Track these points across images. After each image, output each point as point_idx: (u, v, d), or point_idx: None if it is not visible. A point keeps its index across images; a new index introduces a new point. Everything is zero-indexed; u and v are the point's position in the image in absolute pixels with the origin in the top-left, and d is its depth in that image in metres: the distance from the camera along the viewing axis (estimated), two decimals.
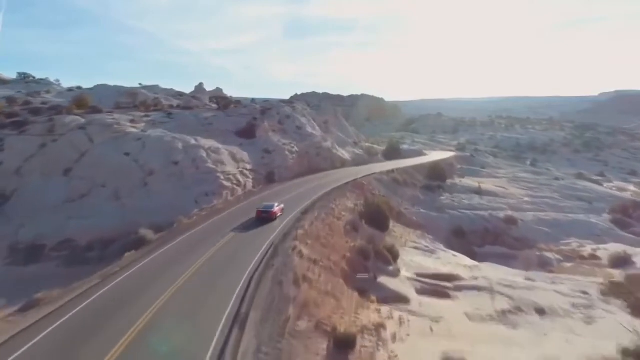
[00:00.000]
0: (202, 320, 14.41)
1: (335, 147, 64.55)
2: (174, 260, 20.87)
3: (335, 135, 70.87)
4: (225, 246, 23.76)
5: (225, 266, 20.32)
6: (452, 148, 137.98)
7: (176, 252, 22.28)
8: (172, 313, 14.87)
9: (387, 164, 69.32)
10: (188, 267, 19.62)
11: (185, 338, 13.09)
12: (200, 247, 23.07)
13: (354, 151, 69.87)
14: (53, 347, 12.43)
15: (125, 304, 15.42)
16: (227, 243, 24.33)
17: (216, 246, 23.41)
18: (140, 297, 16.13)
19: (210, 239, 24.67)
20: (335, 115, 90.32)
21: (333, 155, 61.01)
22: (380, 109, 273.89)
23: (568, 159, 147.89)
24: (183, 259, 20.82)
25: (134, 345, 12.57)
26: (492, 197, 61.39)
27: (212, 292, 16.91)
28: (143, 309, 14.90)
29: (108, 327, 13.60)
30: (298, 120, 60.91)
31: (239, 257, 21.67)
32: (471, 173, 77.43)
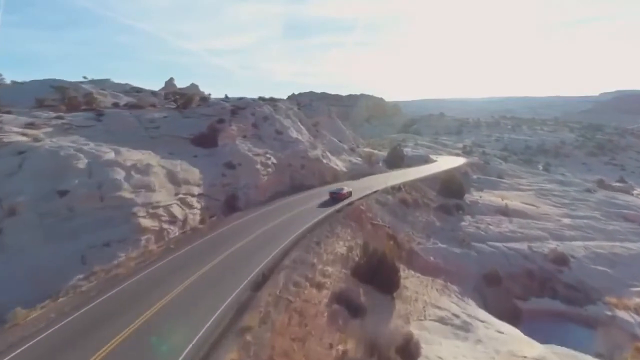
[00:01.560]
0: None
1: (327, 155, 50.50)
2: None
3: (327, 140, 56.84)
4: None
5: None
6: (458, 151, 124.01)
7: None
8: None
9: (390, 176, 55.36)
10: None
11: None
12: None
13: (351, 160, 55.85)
14: None
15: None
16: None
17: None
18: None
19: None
20: (329, 115, 76.23)
21: (323, 167, 46.98)
22: (380, 109, 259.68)
23: (583, 163, 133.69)
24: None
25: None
26: (525, 220, 47.34)
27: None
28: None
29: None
30: (279, 122, 46.87)
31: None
32: (489, 185, 63.35)
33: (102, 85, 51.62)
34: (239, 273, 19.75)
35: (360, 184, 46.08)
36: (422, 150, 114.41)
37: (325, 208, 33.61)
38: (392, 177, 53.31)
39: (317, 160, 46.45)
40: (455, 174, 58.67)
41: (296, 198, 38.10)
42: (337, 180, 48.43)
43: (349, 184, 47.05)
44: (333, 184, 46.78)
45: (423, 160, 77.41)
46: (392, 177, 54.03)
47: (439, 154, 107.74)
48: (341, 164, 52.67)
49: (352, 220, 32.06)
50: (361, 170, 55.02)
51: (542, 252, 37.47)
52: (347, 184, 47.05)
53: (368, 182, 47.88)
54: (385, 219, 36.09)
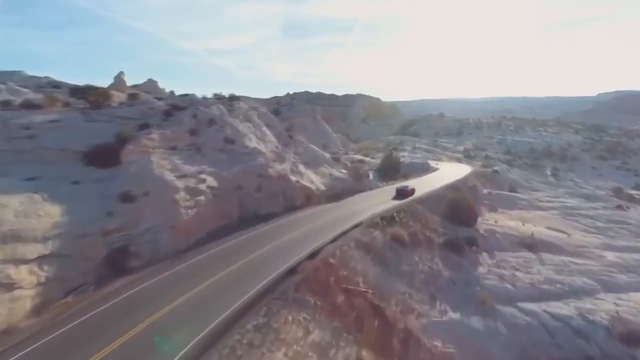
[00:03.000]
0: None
1: (299, 170, 37.56)
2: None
3: (303, 148, 43.80)
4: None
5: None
6: (459, 155, 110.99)
7: None
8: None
9: (381, 194, 42.47)
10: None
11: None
12: None
13: (332, 173, 42.86)
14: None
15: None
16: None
17: None
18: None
19: None
20: (313, 117, 63.20)
21: (291, 186, 34.05)
22: (377, 109, 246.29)
23: (592, 167, 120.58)
24: None
25: None
26: (558, 258, 34.45)
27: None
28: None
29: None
30: (232, 128, 33.85)
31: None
32: (504, 202, 50.38)
33: (7, 78, 38.67)
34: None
35: (337, 212, 33.12)
36: (421, 154, 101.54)
37: (276, 264, 20.77)
38: (384, 196, 40.38)
39: (283, 178, 33.48)
40: (462, 192, 45.73)
41: (241, 240, 25.21)
42: (311, 204, 35.57)
43: (327, 210, 34.24)
44: (308, 209, 34.11)
45: (422, 169, 64.41)
46: (383, 195, 41.09)
47: (440, 159, 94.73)
48: (318, 180, 39.69)
49: (312, 291, 19.16)
50: (345, 187, 42.07)
51: (600, 322, 24.55)
52: (325, 210, 34.27)
53: (350, 208, 34.94)
54: (368, 276, 23.18)
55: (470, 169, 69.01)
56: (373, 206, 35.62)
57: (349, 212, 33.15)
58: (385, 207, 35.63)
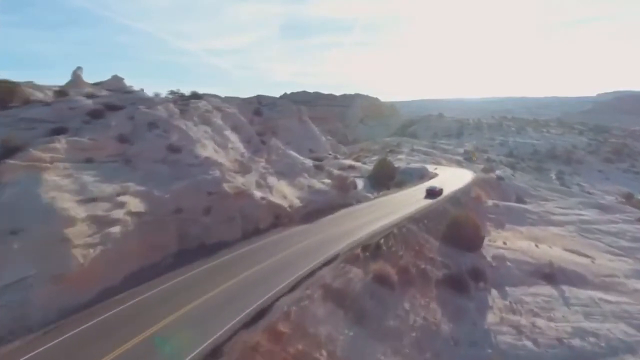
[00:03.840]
0: None
1: (267, 183, 30.43)
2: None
3: (279, 155, 36.65)
4: None
5: None
6: (459, 157, 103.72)
7: None
8: None
9: (369, 210, 35.35)
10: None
11: None
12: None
13: (312, 185, 35.71)
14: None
15: None
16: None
17: None
18: None
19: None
20: (299, 118, 55.99)
21: (253, 205, 26.93)
22: (375, 109, 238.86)
23: (599, 170, 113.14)
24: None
25: None
26: (584, 292, 27.29)
27: None
28: None
29: None
30: (179, 132, 26.71)
31: None
32: (512, 216, 43.16)
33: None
34: None
35: (310, 238, 25.90)
36: (419, 157, 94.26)
37: (188, 341, 13.69)
38: (371, 215, 33.24)
39: (243, 195, 26.38)
40: (465, 206, 38.61)
41: (166, 287, 18.11)
42: (279, 226, 28.45)
43: (298, 235, 27.18)
44: (274, 233, 27.13)
45: (419, 176, 57.19)
46: (371, 213, 33.95)
47: (439, 163, 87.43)
48: (294, 194, 32.56)
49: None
50: (327, 201, 34.96)
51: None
52: (295, 235, 27.23)
53: (327, 231, 27.79)
54: (337, 346, 16.08)
55: (472, 175, 61.73)
56: (357, 228, 28.50)
57: (325, 238, 26.04)
58: (372, 228, 28.50)
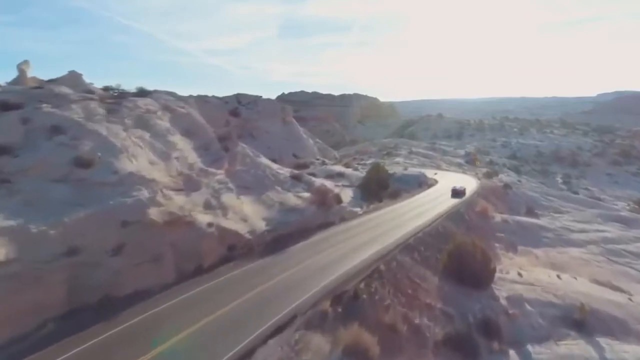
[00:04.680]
0: None
1: (222, 201, 23.54)
2: None
3: (246, 165, 29.70)
4: None
5: None
6: (460, 160, 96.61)
7: None
8: None
9: (353, 231, 28.30)
10: None
11: None
12: None
13: (286, 201, 28.77)
14: None
15: None
16: None
17: None
18: None
19: None
20: (283, 119, 49.08)
21: (195, 236, 20.02)
22: (374, 109, 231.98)
23: (607, 174, 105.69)
24: None
25: None
26: (631, 348, 20.36)
27: None
28: None
29: None
30: (96, 139, 19.77)
31: None
32: (524, 235, 36.10)
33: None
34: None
35: (267, 282, 18.70)
36: (417, 159, 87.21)
37: None
38: (355, 240, 26.24)
39: (179, 223, 19.47)
40: (471, 229, 31.59)
41: None
42: (232, 260, 21.47)
43: (251, 276, 20.24)
44: (219, 274, 20.27)
45: (417, 184, 50.20)
46: (355, 237, 26.95)
47: (439, 167, 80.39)
48: (257, 215, 25.63)
49: None
50: (303, 221, 28.00)
51: None
52: (248, 276, 20.31)
53: (292, 269, 20.67)
54: None
55: (475, 182, 54.67)
56: (333, 263, 21.56)
57: (285, 282, 19.09)
58: (352, 263, 21.58)
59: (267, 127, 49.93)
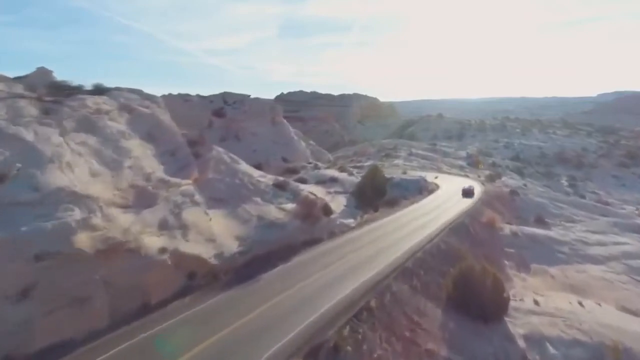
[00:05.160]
0: None
1: (183, 220, 19.43)
2: None
3: (220, 173, 25.62)
4: None
5: None
6: (461, 162, 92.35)
7: None
8: None
9: (342, 250, 24.10)
10: None
11: None
12: None
13: (265, 215, 24.72)
14: None
15: None
16: None
17: None
18: None
19: None
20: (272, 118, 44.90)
21: (140, 265, 15.97)
22: (374, 109, 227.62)
23: (613, 176, 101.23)
24: None
25: None
26: None
27: None
28: None
29: None
30: (15, 146, 15.76)
31: None
32: (537, 250, 31.88)
33: None
34: None
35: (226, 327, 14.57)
36: (417, 161, 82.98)
37: None
38: (344, 263, 22.09)
39: (118, 251, 15.40)
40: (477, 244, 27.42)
41: None
42: (190, 293, 17.35)
43: (210, 316, 16.13)
44: (169, 313, 16.26)
45: (417, 190, 46.02)
46: (344, 258, 22.77)
47: (439, 169, 76.19)
48: (228, 233, 21.56)
49: None
50: (284, 239, 23.88)
51: None
52: (207, 316, 16.21)
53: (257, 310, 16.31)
54: None
55: (479, 187, 50.47)
56: (312, 298, 17.41)
57: (252, 327, 14.89)
58: (338, 296, 17.42)
59: (254, 128, 45.69)
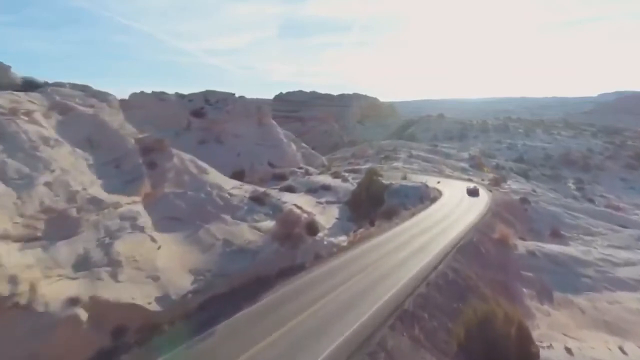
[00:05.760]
0: None
1: (108, 254, 14.67)
2: None
3: (179, 184, 20.88)
4: None
5: None
6: (464, 164, 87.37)
7: None
8: None
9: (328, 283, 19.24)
10: None
11: None
12: None
13: (233, 238, 20.00)
14: None
15: None
16: None
17: None
18: None
19: None
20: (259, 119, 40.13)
21: (30, 328, 11.08)
22: (374, 109, 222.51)
23: (622, 179, 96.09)
24: None
25: None
26: None
27: None
28: None
29: None
30: None
31: None
32: (558, 273, 26.96)
33: None
34: None
35: None
36: (418, 164, 78.00)
37: None
38: (327, 302, 17.30)
39: None
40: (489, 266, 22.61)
41: None
42: (111, 359, 12.72)
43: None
44: None
45: (418, 198, 41.15)
46: (328, 295, 17.95)
47: (441, 172, 71.22)
48: (179, 266, 16.80)
49: None
50: (256, 268, 19.10)
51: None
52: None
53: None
54: None
55: (486, 194, 45.56)
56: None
57: None
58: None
59: (238, 130, 40.86)
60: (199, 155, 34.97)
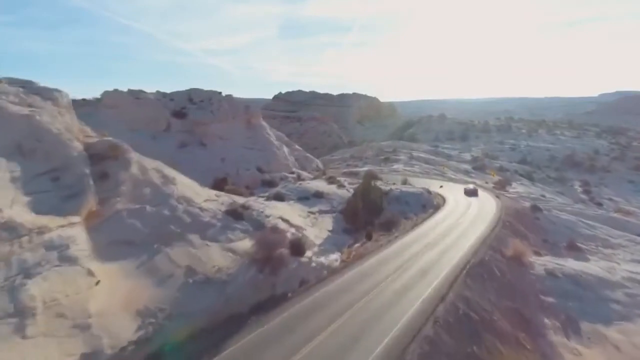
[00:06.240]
0: None
1: (17, 299, 10.77)
2: None
3: (136, 199, 17.27)
4: None
5: None
6: (467, 166, 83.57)
7: None
8: None
9: (311, 325, 15.64)
10: None
11: None
12: None
13: (198, 266, 16.30)
14: None
15: None
16: None
17: None
18: None
19: None
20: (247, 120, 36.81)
21: None
22: (374, 109, 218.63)
23: (629, 181, 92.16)
24: None
25: None
26: None
27: None
28: None
29: None
30: None
31: None
32: (583, 299, 23.19)
33: None
34: None
35: None
36: (419, 166, 74.22)
37: None
38: (305, 351, 13.69)
39: None
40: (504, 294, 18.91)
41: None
42: None
43: None
44: None
45: (420, 205, 37.45)
46: (312, 341, 14.25)
47: (443, 174, 67.51)
48: (123, 306, 13.13)
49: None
50: (222, 307, 15.42)
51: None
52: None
53: None
54: None
55: (495, 201, 41.77)
56: None
57: None
58: None
59: (224, 132, 37.23)
60: (179, 161, 31.34)
